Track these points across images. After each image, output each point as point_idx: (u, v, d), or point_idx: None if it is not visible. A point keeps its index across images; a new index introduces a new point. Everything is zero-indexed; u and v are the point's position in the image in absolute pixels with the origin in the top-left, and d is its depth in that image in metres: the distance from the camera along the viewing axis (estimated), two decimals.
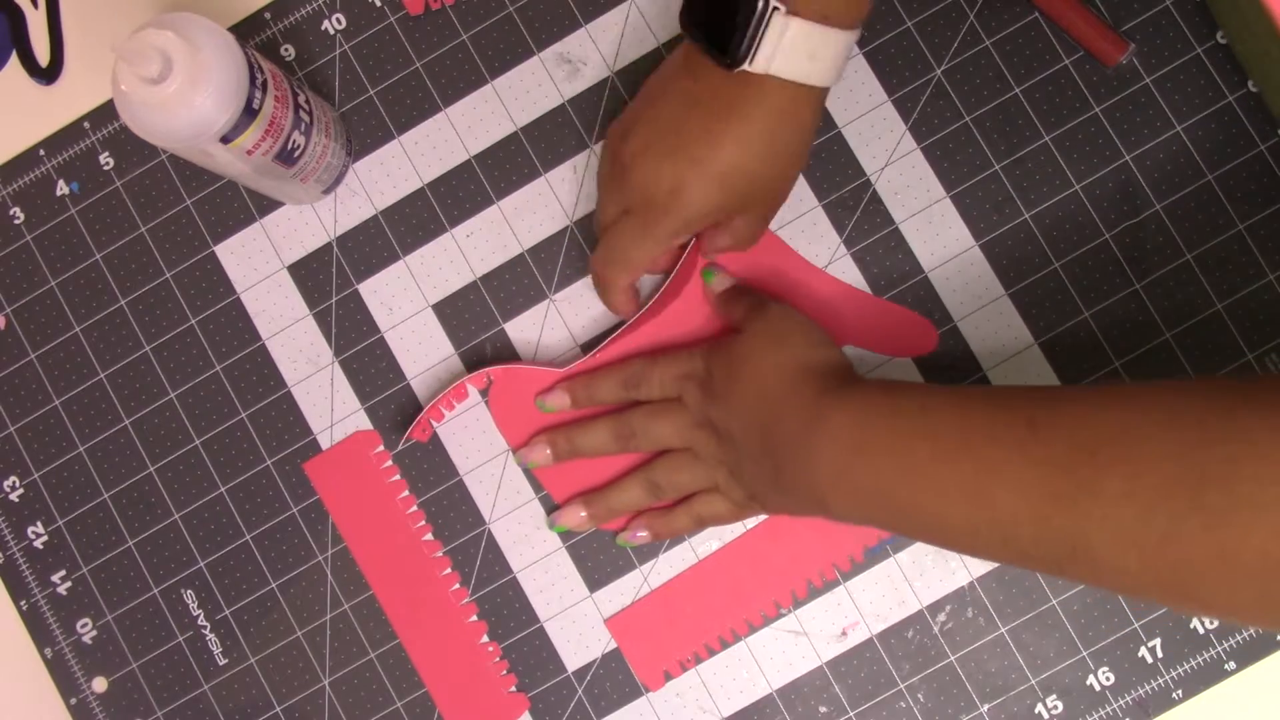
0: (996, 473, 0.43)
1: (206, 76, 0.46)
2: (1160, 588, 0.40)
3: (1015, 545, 0.43)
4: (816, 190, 0.57)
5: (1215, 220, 0.55)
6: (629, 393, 0.55)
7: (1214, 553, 0.37)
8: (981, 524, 0.43)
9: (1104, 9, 0.56)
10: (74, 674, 0.59)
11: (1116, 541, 0.40)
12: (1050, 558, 0.42)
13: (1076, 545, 0.41)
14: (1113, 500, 0.39)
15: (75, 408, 0.59)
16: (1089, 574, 0.42)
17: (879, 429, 0.46)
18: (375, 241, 0.59)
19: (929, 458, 0.45)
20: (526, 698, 0.57)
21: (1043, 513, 0.41)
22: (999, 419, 0.44)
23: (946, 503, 0.44)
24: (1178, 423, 0.39)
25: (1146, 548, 0.39)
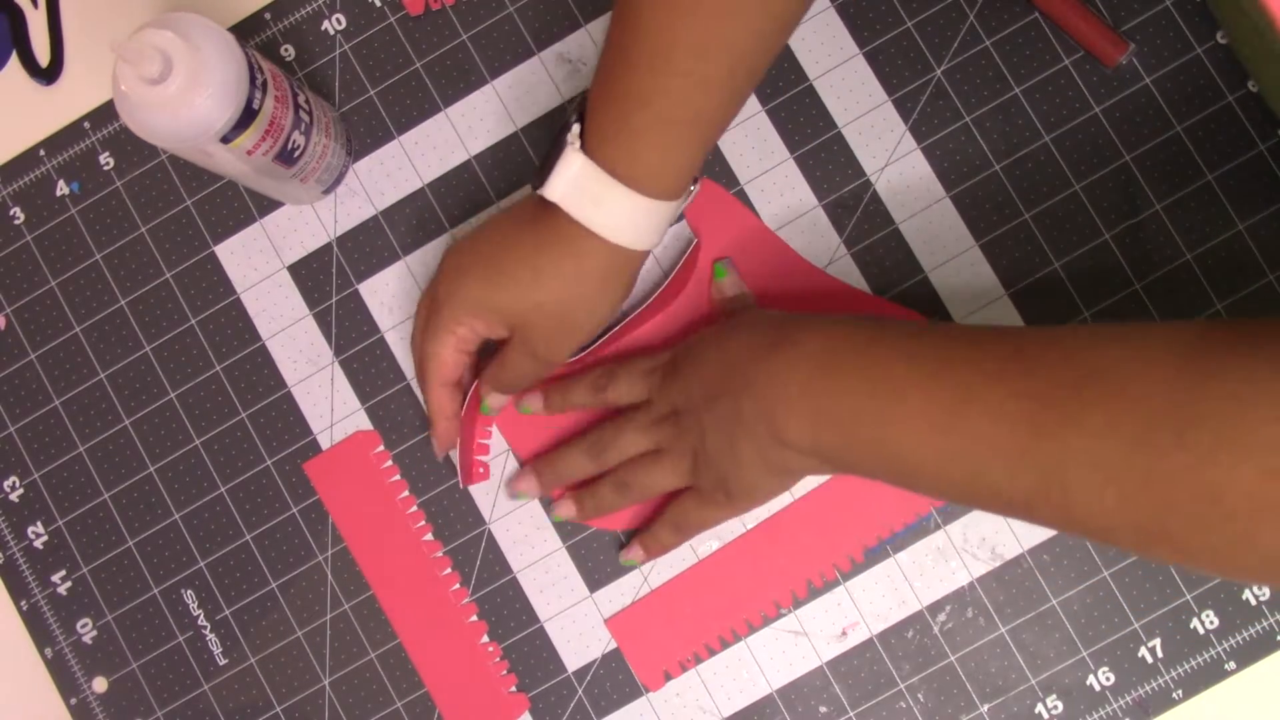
0: (976, 399, 0.41)
1: (206, 77, 0.46)
2: (1133, 529, 0.39)
3: (985, 479, 0.42)
4: (816, 190, 0.57)
5: (1215, 220, 0.55)
6: (599, 395, 0.54)
7: (1197, 492, 0.37)
8: (952, 454, 0.42)
9: (1104, 9, 0.56)
10: (74, 674, 0.59)
11: (1095, 477, 0.39)
12: (1021, 494, 0.41)
13: (1052, 480, 0.40)
14: (1095, 434, 0.39)
15: (75, 408, 0.59)
16: (1059, 513, 0.41)
17: (852, 347, 0.45)
18: (375, 241, 0.59)
19: (905, 378, 0.43)
20: (526, 698, 0.57)
21: (1021, 444, 0.40)
22: (984, 345, 0.43)
23: (915, 431, 0.43)
24: (1166, 361, 0.39)
25: (1126, 484, 0.38)
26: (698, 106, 0.46)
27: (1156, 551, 0.40)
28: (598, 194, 0.46)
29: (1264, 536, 0.36)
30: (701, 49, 0.44)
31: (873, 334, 0.46)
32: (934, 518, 0.56)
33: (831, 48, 0.57)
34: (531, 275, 0.49)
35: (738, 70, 0.46)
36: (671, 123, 0.46)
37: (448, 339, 0.52)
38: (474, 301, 0.50)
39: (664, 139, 0.46)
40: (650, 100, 0.45)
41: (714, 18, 0.44)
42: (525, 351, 0.51)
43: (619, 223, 0.47)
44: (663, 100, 0.45)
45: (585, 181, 0.46)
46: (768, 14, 0.45)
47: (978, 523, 0.56)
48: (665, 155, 0.47)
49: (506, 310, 0.50)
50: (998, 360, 0.42)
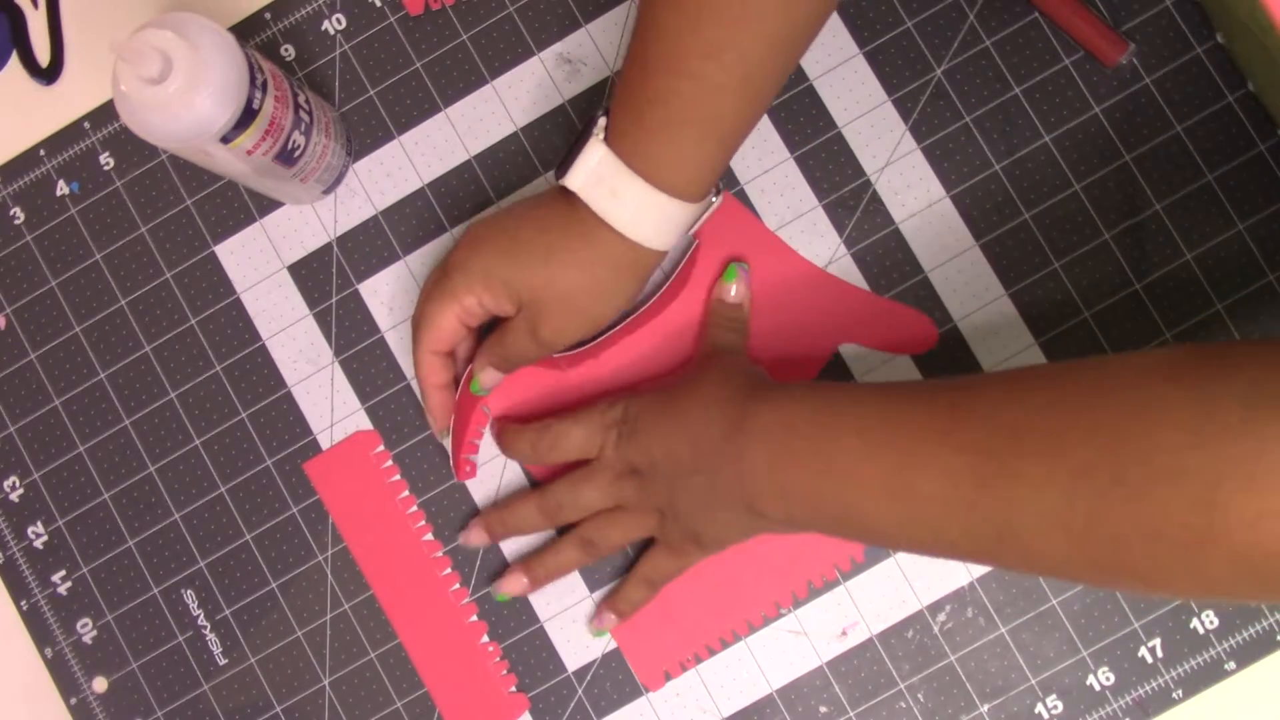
0: (921, 464, 0.43)
1: (206, 76, 0.46)
2: (1092, 567, 0.40)
3: (944, 537, 0.43)
4: (816, 190, 0.57)
5: (1215, 220, 0.55)
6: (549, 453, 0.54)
7: (1139, 527, 0.37)
8: (908, 518, 0.43)
9: (1104, 9, 0.56)
10: (74, 674, 0.59)
11: (1043, 524, 0.39)
12: (980, 546, 0.42)
13: (1003, 531, 0.40)
14: (1035, 484, 0.39)
15: (75, 408, 0.59)
16: (1019, 559, 0.42)
17: (805, 427, 0.46)
18: (375, 241, 0.59)
19: (854, 453, 0.45)
20: (526, 698, 0.57)
21: (968, 499, 0.41)
22: (921, 408, 0.44)
23: (872, 499, 0.44)
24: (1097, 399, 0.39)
25: (1073, 528, 0.39)
26: (710, 109, 0.46)
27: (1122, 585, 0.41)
28: (615, 185, 0.47)
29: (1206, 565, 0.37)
30: (713, 53, 0.45)
31: (821, 410, 0.47)
32: None
33: (831, 48, 0.57)
34: (545, 253, 0.50)
35: (752, 76, 0.46)
36: (684, 123, 0.47)
37: (451, 305, 0.52)
38: (485, 271, 0.51)
39: (677, 138, 0.47)
40: (663, 100, 0.46)
41: (726, 23, 0.44)
42: (528, 329, 0.51)
43: (634, 217, 0.48)
44: (675, 101, 0.46)
45: (604, 172, 0.47)
46: (783, 20, 0.45)
47: None
48: (679, 154, 0.47)
49: (516, 284, 0.50)
50: (936, 418, 0.43)
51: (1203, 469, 0.36)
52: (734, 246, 0.57)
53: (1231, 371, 0.37)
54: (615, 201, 0.47)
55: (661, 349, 0.57)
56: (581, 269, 0.50)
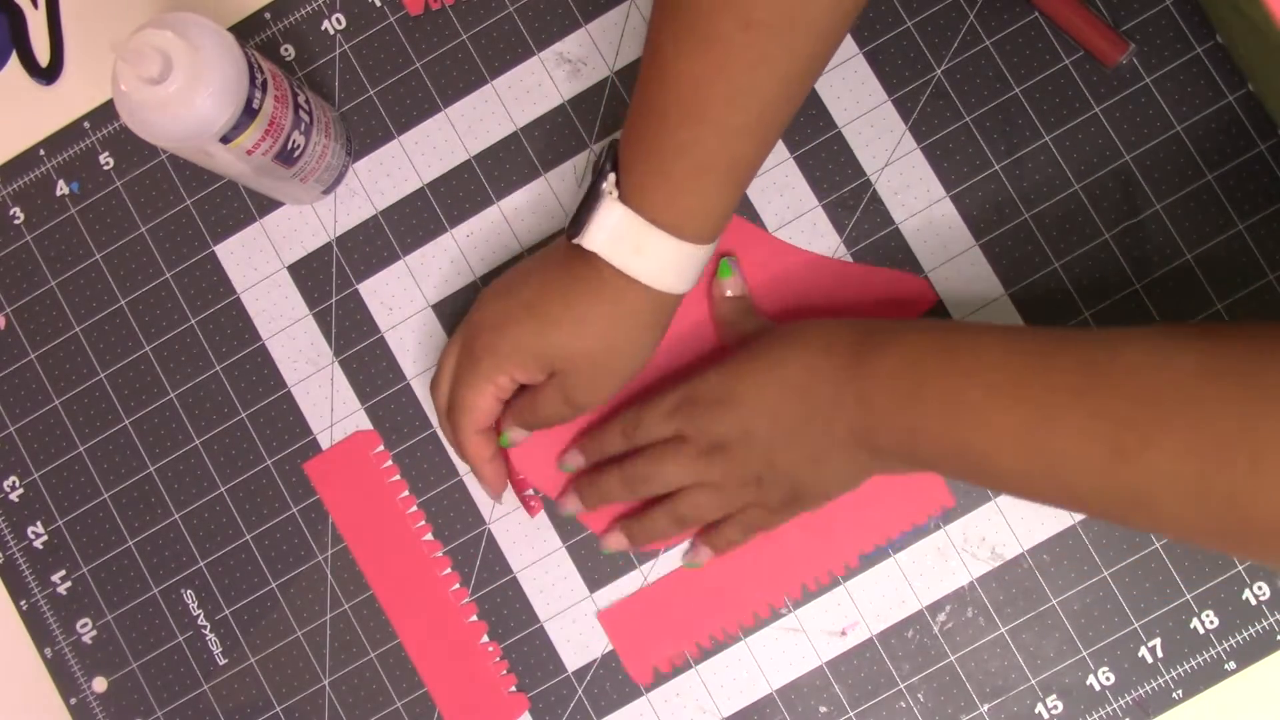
0: (1055, 421, 0.43)
1: (206, 76, 0.46)
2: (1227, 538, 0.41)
3: (1074, 494, 0.44)
4: (816, 190, 0.57)
5: (1215, 220, 0.55)
6: (630, 440, 0.53)
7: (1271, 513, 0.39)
8: (1038, 472, 0.44)
9: (1104, 9, 0.56)
10: (74, 674, 0.59)
11: (1177, 496, 0.41)
12: (1110, 509, 0.43)
13: (1140, 498, 0.42)
14: (1175, 455, 0.40)
15: (75, 408, 0.59)
16: (1149, 523, 0.43)
17: (930, 370, 0.46)
18: (375, 241, 0.59)
19: (983, 402, 0.45)
20: (526, 698, 0.57)
21: (1103, 465, 0.42)
22: (1055, 364, 0.44)
23: (1003, 449, 0.44)
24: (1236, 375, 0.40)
25: (1208, 503, 0.40)
26: (732, 153, 0.47)
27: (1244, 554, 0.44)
28: (638, 243, 0.47)
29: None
30: (733, 99, 0.45)
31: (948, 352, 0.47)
32: (933, 519, 0.56)
33: None
34: (575, 321, 0.50)
35: (766, 114, 0.46)
36: (708, 170, 0.47)
37: (487, 389, 0.52)
38: (515, 351, 0.50)
39: (701, 186, 0.47)
40: (686, 151, 0.46)
41: (745, 68, 0.44)
42: (560, 396, 0.51)
43: (659, 268, 0.48)
44: (698, 150, 0.46)
45: (625, 231, 0.47)
46: (795, 59, 0.45)
47: (978, 523, 0.56)
48: (703, 201, 0.48)
49: (550, 356, 0.50)
50: (1069, 378, 0.43)
51: None
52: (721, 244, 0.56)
53: None
54: (639, 257, 0.47)
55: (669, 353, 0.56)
56: (612, 330, 0.50)
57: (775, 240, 0.57)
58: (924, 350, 0.47)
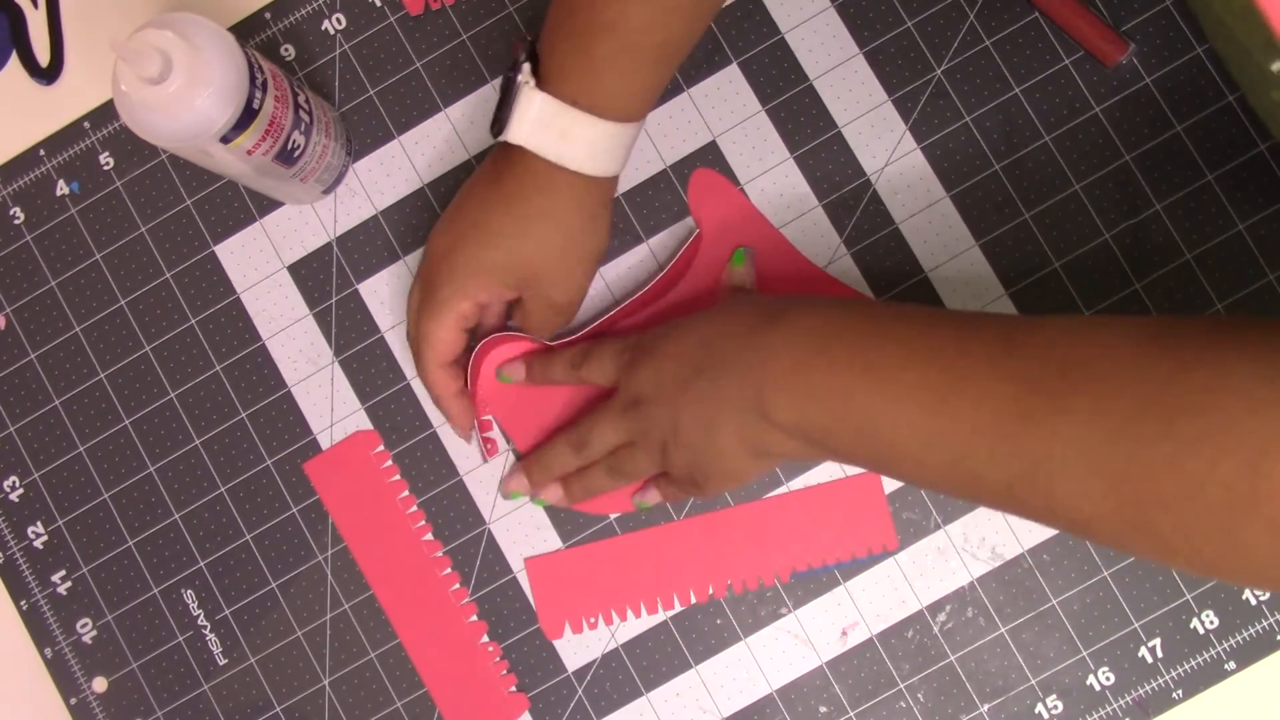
0: (964, 382, 0.41)
1: (206, 76, 0.46)
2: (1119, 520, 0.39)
3: (967, 464, 0.41)
4: (816, 190, 0.57)
5: (1215, 220, 0.55)
6: (575, 372, 0.53)
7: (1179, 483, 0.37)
8: (936, 436, 0.42)
9: (1104, 9, 0.56)
10: (74, 674, 0.59)
11: (1079, 464, 0.39)
12: (1003, 481, 0.41)
13: (1036, 466, 0.39)
14: (1081, 420, 0.39)
15: (75, 408, 0.59)
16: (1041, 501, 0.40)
17: (847, 327, 0.45)
18: (375, 241, 0.59)
19: (896, 363, 0.43)
20: (526, 698, 0.57)
21: (1006, 428, 0.40)
22: (973, 331, 0.43)
23: (905, 410, 0.43)
24: (1155, 349, 0.39)
25: (1110, 472, 0.38)
26: (660, 31, 0.46)
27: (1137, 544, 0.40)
28: (562, 128, 0.47)
29: (1242, 532, 0.36)
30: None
31: (867, 318, 0.46)
32: (934, 518, 0.56)
33: (831, 48, 0.57)
34: (517, 227, 0.49)
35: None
36: (635, 48, 0.46)
37: (448, 317, 0.52)
38: (472, 270, 0.50)
39: (628, 65, 0.46)
40: (613, 28, 0.45)
41: None
42: (542, 301, 0.51)
43: (588, 152, 0.47)
44: (625, 27, 0.45)
45: (548, 118, 0.47)
46: None
47: (978, 523, 0.56)
48: (629, 80, 0.47)
49: (507, 266, 0.50)
50: (986, 345, 0.42)
51: (1254, 435, 0.36)
52: (734, 235, 0.57)
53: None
54: (567, 143, 0.47)
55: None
56: (556, 223, 0.49)
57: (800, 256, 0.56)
58: (843, 313, 0.46)
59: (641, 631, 0.57)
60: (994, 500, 0.43)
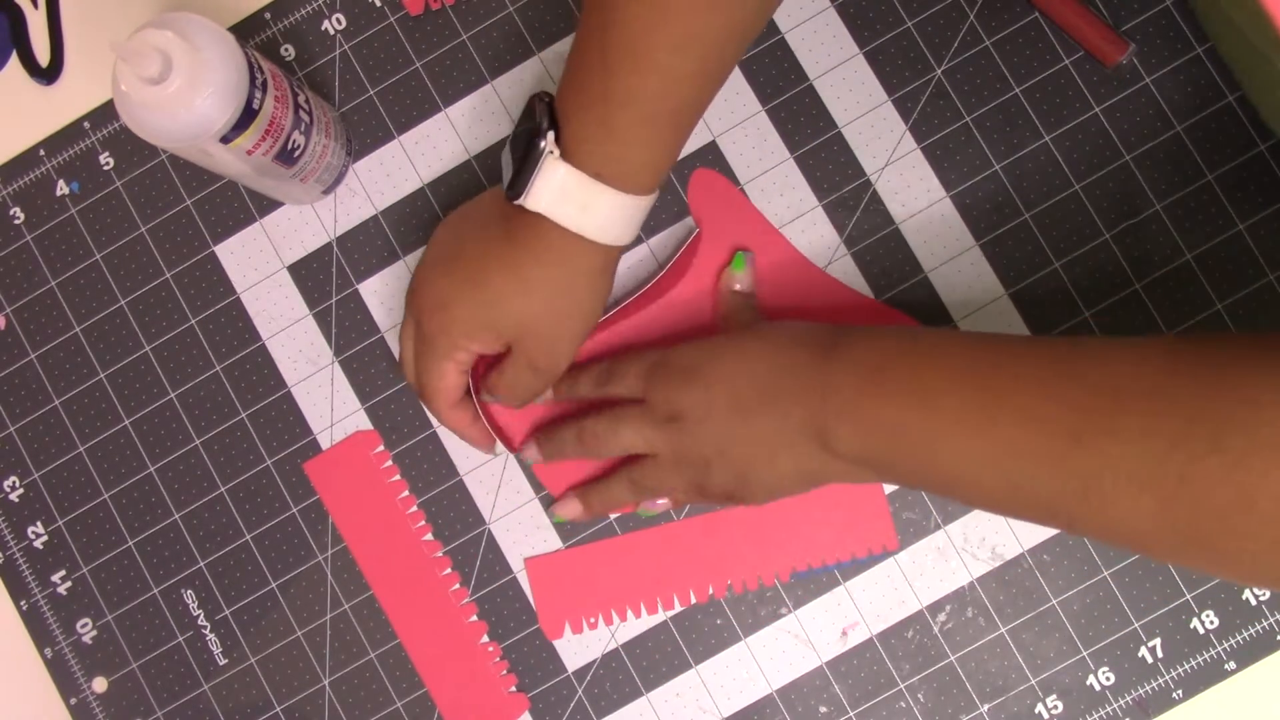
0: (1012, 405, 0.42)
1: (206, 77, 0.46)
2: (1170, 535, 0.40)
3: (1025, 489, 0.42)
4: (816, 190, 0.57)
5: (1215, 220, 0.55)
6: (602, 389, 0.54)
7: (1231, 496, 0.37)
8: (991, 462, 0.43)
9: (1104, 9, 0.56)
10: (74, 674, 0.59)
11: (1132, 483, 0.39)
12: (1062, 502, 0.42)
13: (1090, 487, 0.40)
14: (1131, 439, 0.39)
15: (75, 408, 0.59)
16: (1098, 523, 0.41)
17: (898, 360, 0.46)
18: (375, 241, 0.59)
19: (948, 391, 0.44)
20: (526, 698, 0.57)
21: (1057, 451, 0.41)
22: (1020, 357, 0.44)
23: (960, 437, 0.44)
24: (1199, 369, 0.40)
25: (1163, 489, 0.39)
26: (677, 100, 0.46)
27: (1195, 560, 0.41)
28: (584, 200, 0.47)
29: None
30: (680, 45, 0.44)
31: (917, 345, 0.47)
32: (934, 518, 0.56)
33: (831, 48, 0.57)
34: (521, 287, 0.49)
35: (711, 60, 0.46)
36: (652, 120, 0.46)
37: (448, 367, 0.52)
38: (468, 325, 0.50)
39: (647, 136, 0.46)
40: (631, 100, 0.45)
41: (692, 13, 0.44)
42: (525, 364, 0.51)
43: (606, 223, 0.47)
44: (642, 98, 0.45)
45: (571, 190, 0.46)
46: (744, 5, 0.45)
47: (978, 523, 0.56)
48: (649, 152, 0.47)
49: (502, 326, 0.50)
50: (1033, 368, 0.43)
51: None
52: (735, 237, 0.57)
53: None
54: (585, 214, 0.47)
55: (666, 333, 0.57)
56: (560, 291, 0.49)
57: (800, 256, 0.57)
58: (892, 341, 0.47)
59: (641, 631, 0.57)
60: (1055, 521, 0.44)
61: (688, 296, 0.57)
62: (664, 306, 0.57)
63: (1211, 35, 0.55)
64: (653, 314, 0.57)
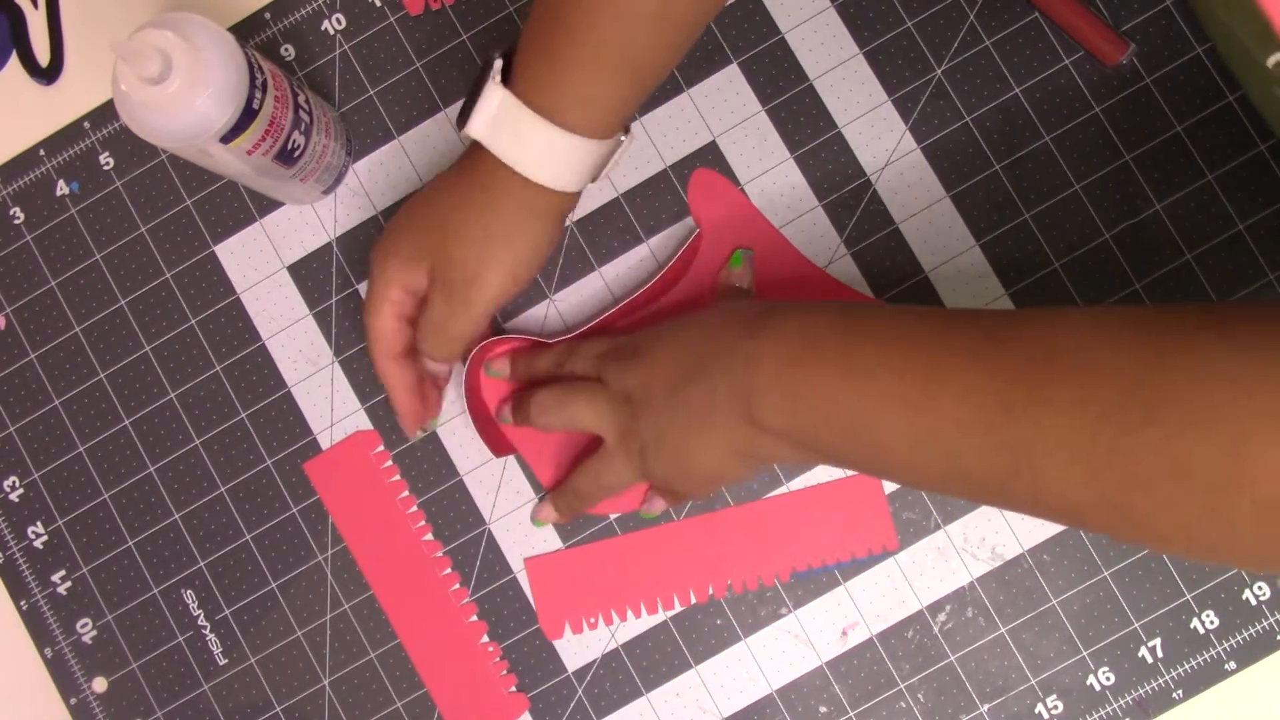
0: (947, 379, 0.41)
1: (206, 76, 0.46)
2: (1101, 506, 0.39)
3: (958, 461, 0.41)
4: (816, 190, 0.57)
5: (1215, 220, 0.55)
6: (557, 368, 0.54)
7: (1164, 466, 0.37)
8: (924, 435, 0.42)
9: (1104, 9, 0.56)
10: (74, 674, 0.59)
11: (1064, 453, 0.38)
12: (994, 475, 0.41)
13: (1021, 459, 0.39)
14: (1064, 408, 0.38)
15: (75, 408, 0.59)
16: (1029, 493, 0.40)
17: (827, 332, 0.45)
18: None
19: (877, 362, 0.43)
20: (526, 698, 0.57)
21: (989, 422, 0.40)
22: (955, 327, 0.43)
23: (889, 409, 0.43)
24: (1137, 339, 0.39)
25: (1094, 460, 0.38)
26: (626, 44, 0.46)
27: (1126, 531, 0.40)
28: (518, 128, 0.47)
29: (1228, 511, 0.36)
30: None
31: (848, 318, 0.46)
32: (934, 518, 0.56)
33: (831, 48, 0.57)
34: (447, 212, 0.50)
35: (670, 11, 0.46)
36: (598, 58, 0.46)
37: (382, 307, 0.52)
38: (393, 252, 0.51)
39: (589, 74, 0.46)
40: (577, 34, 0.45)
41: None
42: (442, 293, 0.51)
43: (539, 158, 0.47)
44: (590, 35, 0.45)
45: (505, 115, 0.47)
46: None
47: (978, 523, 0.56)
48: (589, 90, 0.47)
49: (427, 249, 0.50)
50: (968, 339, 0.42)
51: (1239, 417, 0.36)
52: (735, 236, 0.57)
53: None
54: (519, 144, 0.47)
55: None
56: (485, 220, 0.49)
57: (800, 256, 0.57)
58: (825, 316, 0.46)
59: (641, 631, 0.57)
60: (986, 496, 0.43)
61: (688, 296, 0.57)
62: (665, 307, 0.57)
63: (1209, 33, 0.55)
64: (653, 314, 0.57)
